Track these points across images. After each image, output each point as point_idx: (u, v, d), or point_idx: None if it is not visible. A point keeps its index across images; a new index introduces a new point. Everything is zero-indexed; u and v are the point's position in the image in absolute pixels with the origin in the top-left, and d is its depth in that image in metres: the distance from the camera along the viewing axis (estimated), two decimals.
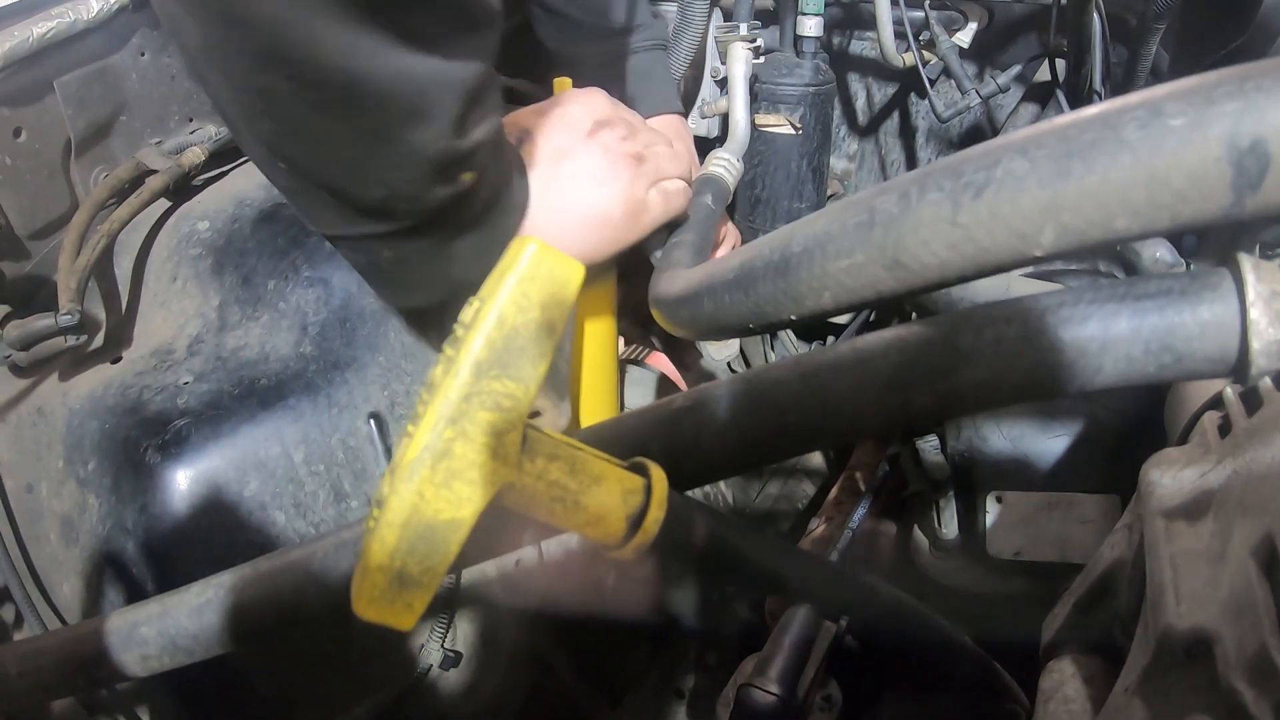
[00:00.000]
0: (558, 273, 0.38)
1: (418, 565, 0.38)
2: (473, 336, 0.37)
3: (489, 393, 0.37)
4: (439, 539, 0.38)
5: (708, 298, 0.61)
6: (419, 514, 0.37)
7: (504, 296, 0.37)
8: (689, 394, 0.51)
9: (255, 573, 0.55)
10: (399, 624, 0.39)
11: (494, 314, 0.37)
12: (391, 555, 0.38)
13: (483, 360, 0.37)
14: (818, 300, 0.53)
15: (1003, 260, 0.47)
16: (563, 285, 0.38)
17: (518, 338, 0.38)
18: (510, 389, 0.38)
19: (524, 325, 0.38)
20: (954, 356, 0.48)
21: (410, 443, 0.37)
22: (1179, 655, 0.57)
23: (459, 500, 0.38)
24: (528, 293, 0.38)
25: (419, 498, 0.37)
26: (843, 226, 0.51)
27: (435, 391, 0.37)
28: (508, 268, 0.38)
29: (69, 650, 0.62)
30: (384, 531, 0.37)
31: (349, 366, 0.93)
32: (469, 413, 0.37)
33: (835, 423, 0.48)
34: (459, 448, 0.37)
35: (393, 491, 0.37)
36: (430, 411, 0.37)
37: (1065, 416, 0.89)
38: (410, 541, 0.38)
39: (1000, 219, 0.45)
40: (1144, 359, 0.50)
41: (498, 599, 0.96)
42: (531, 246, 0.38)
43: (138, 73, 1.14)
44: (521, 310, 0.38)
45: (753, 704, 0.67)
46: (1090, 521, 0.89)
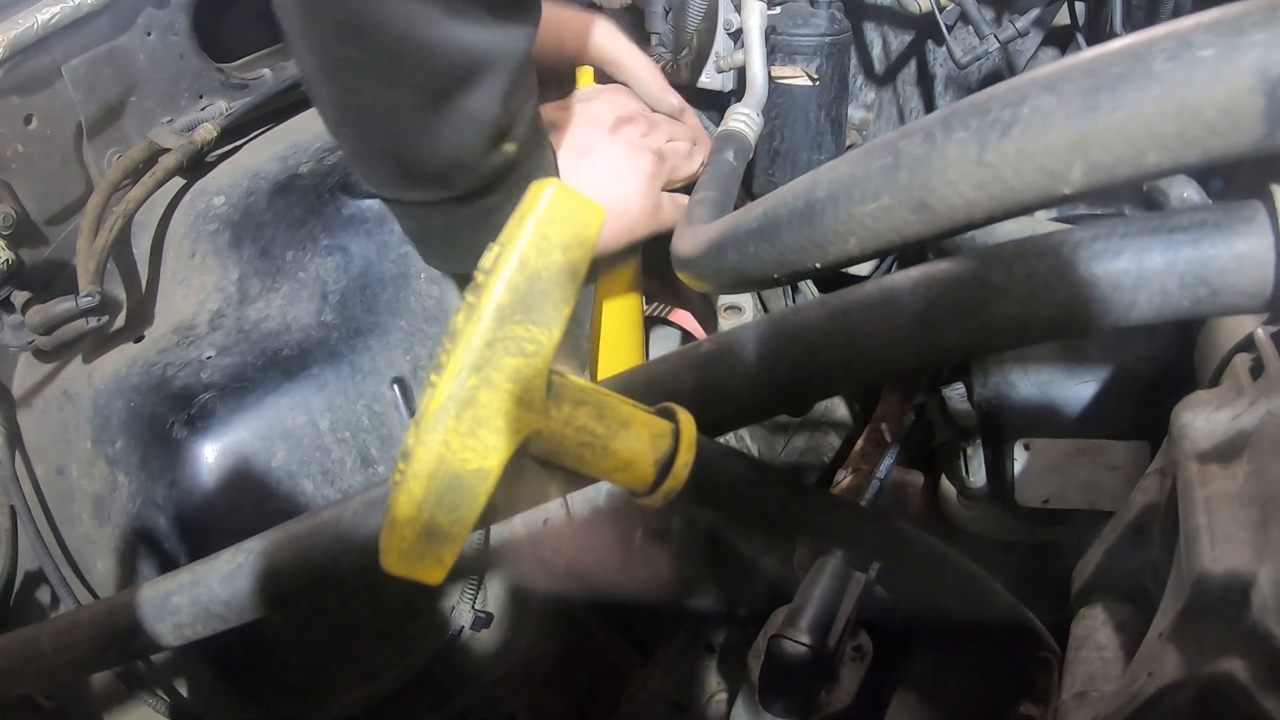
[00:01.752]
0: (578, 214, 0.37)
1: (446, 517, 0.38)
2: (494, 281, 0.36)
3: (513, 338, 0.36)
4: (467, 489, 0.37)
5: (732, 249, 0.59)
6: (445, 464, 0.37)
7: (525, 239, 0.36)
8: (715, 337, 0.50)
9: (285, 535, 0.55)
10: (428, 578, 0.39)
11: (515, 257, 0.36)
12: (419, 507, 0.37)
13: (505, 304, 0.36)
14: (843, 246, 0.51)
15: (1031, 200, 0.46)
16: (584, 226, 0.37)
17: (540, 281, 0.37)
18: (534, 333, 0.37)
19: (546, 268, 0.37)
20: (985, 292, 0.47)
21: (434, 392, 0.37)
22: (1214, 600, 0.56)
23: (486, 449, 0.37)
24: (548, 235, 0.37)
25: (445, 448, 0.36)
26: (867, 170, 0.49)
27: (458, 339, 0.36)
28: (527, 211, 0.37)
29: (103, 623, 0.62)
30: (411, 484, 0.37)
31: (371, 332, 0.92)
32: (493, 359, 0.36)
33: (865, 361, 0.47)
34: (484, 395, 0.36)
35: (418, 443, 0.37)
36: (453, 359, 0.36)
37: (1093, 362, 0.88)
38: (438, 493, 0.37)
39: (1028, 157, 0.44)
40: (1178, 293, 0.49)
41: (527, 559, 0.96)
42: (550, 188, 0.37)
43: (145, 52, 1.14)
44: (543, 253, 0.37)
45: (784, 655, 0.67)
46: (1120, 468, 0.87)
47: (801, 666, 0.67)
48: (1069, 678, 0.73)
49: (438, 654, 0.93)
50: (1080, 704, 0.72)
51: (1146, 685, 0.60)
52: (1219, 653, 0.56)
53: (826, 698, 0.72)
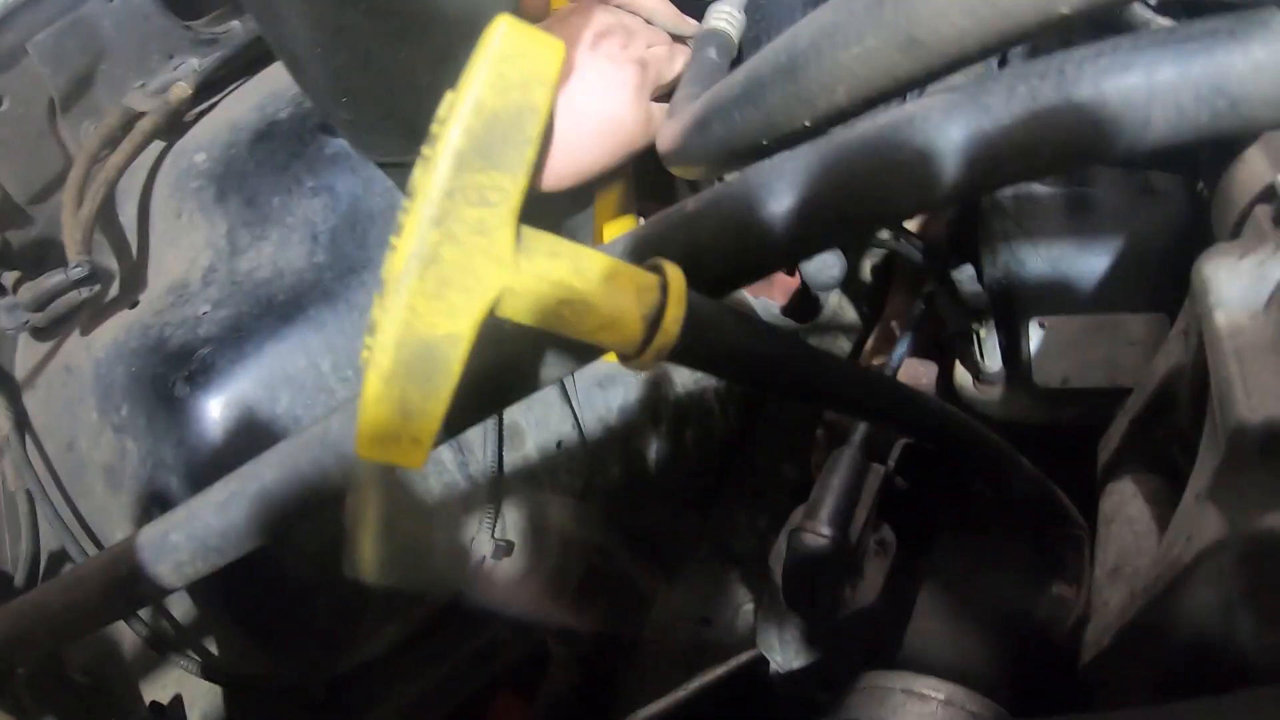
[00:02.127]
0: (535, 49, 0.34)
1: (419, 390, 0.35)
2: (449, 128, 0.34)
3: (474, 187, 0.34)
4: (439, 357, 0.35)
5: (716, 121, 0.57)
6: (413, 331, 0.34)
7: (479, 80, 0.34)
8: (703, 195, 0.47)
9: (274, 457, 0.53)
10: (407, 461, 0.36)
11: (470, 100, 0.34)
12: (389, 381, 0.35)
13: (463, 150, 0.33)
14: (832, 98, 0.48)
15: (1027, 22, 0.43)
16: (542, 61, 0.35)
17: (499, 123, 0.34)
18: (497, 180, 0.34)
19: (504, 109, 0.34)
20: (987, 118, 0.44)
21: (394, 255, 0.34)
22: (1252, 452, 0.53)
23: (455, 311, 0.35)
24: (504, 74, 0.34)
25: (411, 312, 0.34)
26: (850, 11, 0.46)
27: (415, 195, 0.34)
28: (480, 53, 0.34)
29: (107, 572, 0.61)
30: (378, 357, 0.34)
31: (364, 268, 0.92)
32: (454, 211, 0.34)
33: (865, 205, 0.44)
34: (447, 251, 0.34)
35: (382, 310, 0.34)
36: (411, 216, 0.34)
37: (1105, 233, 0.85)
38: (407, 364, 0.35)
39: None
40: (1195, 107, 0.45)
41: (543, 483, 0.95)
42: (502, 25, 0.34)
43: (110, 18, 1.11)
44: (500, 93, 0.34)
45: (804, 548, 0.65)
46: (1139, 342, 0.84)
47: (823, 559, 0.65)
48: (1101, 555, 0.71)
49: (461, 588, 0.92)
50: (1115, 580, 0.70)
51: (1186, 550, 0.58)
52: (1263, 506, 0.54)
53: (851, 594, 0.70)
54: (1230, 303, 0.61)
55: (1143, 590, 0.62)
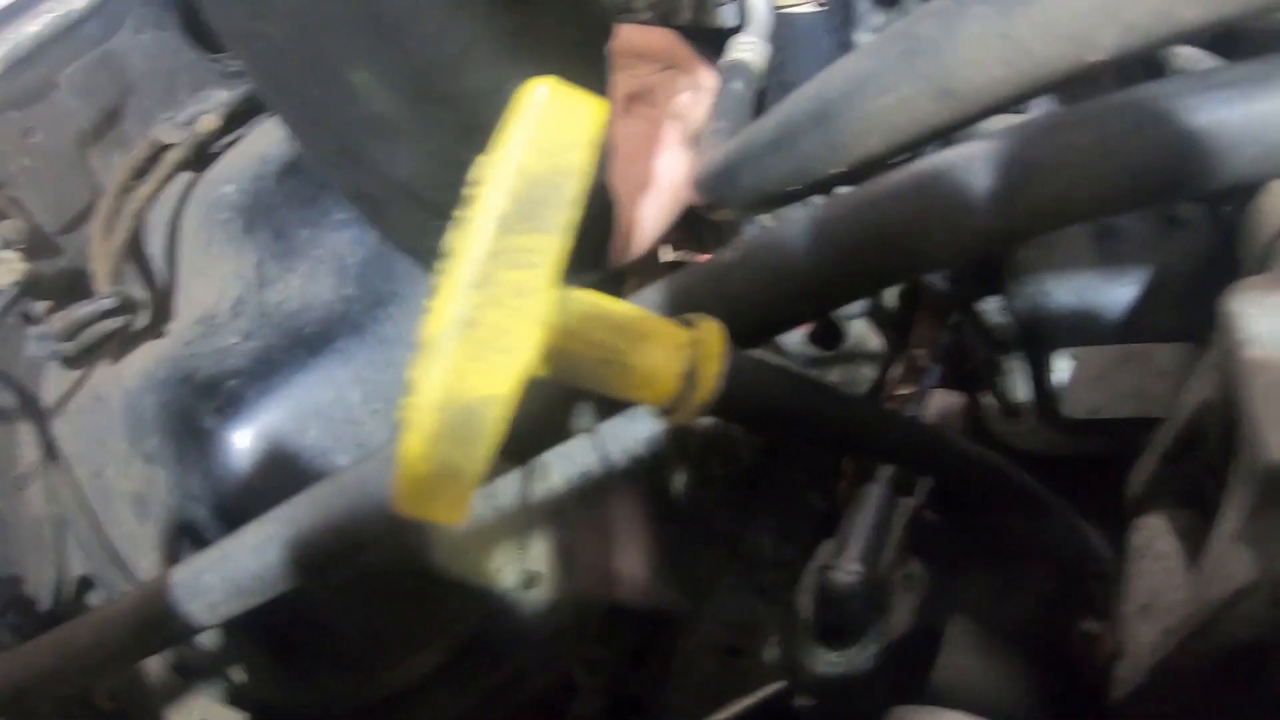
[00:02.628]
0: (578, 110, 0.35)
1: (459, 451, 0.35)
2: (490, 191, 0.34)
3: (515, 249, 0.34)
4: (479, 418, 0.35)
5: (747, 166, 0.57)
6: (454, 393, 0.35)
7: (520, 143, 0.34)
8: (738, 245, 0.47)
9: (310, 502, 0.54)
10: (447, 518, 0.37)
11: (511, 163, 0.34)
12: (430, 442, 0.35)
13: (505, 214, 0.34)
14: (864, 145, 0.49)
15: (1060, 72, 0.43)
16: (584, 123, 0.35)
17: (539, 186, 0.34)
18: (537, 243, 0.34)
19: (545, 172, 0.34)
20: (1025, 170, 0.44)
21: (435, 317, 0.34)
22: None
23: (495, 373, 0.35)
24: (545, 136, 0.34)
25: (452, 375, 0.34)
26: (883, 61, 0.47)
27: (455, 257, 0.34)
28: (519, 114, 0.35)
29: (139, 611, 0.62)
30: (418, 418, 0.35)
31: (392, 301, 0.92)
32: (495, 274, 0.34)
33: (902, 256, 0.45)
34: (489, 314, 0.34)
35: (423, 373, 0.35)
36: (452, 279, 0.34)
37: (1131, 262, 0.84)
38: (448, 425, 0.35)
39: (1055, 25, 0.41)
40: (1231, 154, 0.46)
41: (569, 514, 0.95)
42: (543, 87, 0.35)
43: (139, 51, 1.13)
44: (541, 155, 0.34)
45: (833, 586, 0.65)
46: (1167, 372, 0.84)
47: (853, 596, 0.65)
48: (1131, 591, 0.71)
49: (487, 618, 0.92)
50: (1145, 617, 0.69)
51: (1219, 590, 0.57)
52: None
53: (880, 628, 0.70)
54: (1258, 339, 0.61)
55: (1175, 628, 0.62)
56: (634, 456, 0.93)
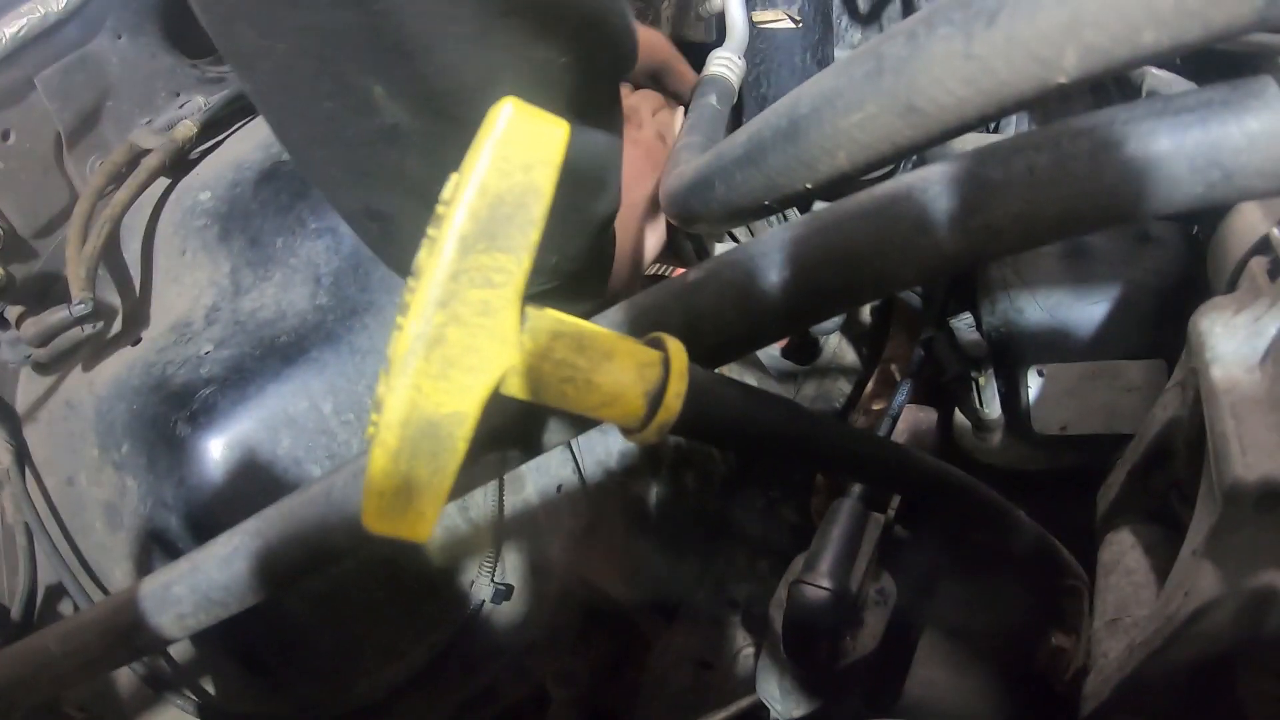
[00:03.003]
0: (539, 130, 0.35)
1: (425, 467, 0.36)
2: (454, 210, 0.34)
3: (478, 268, 0.34)
4: (444, 435, 0.36)
5: (718, 180, 0.57)
6: (418, 410, 0.35)
7: (483, 164, 0.34)
8: (703, 265, 0.48)
9: (278, 513, 0.54)
10: (413, 535, 0.37)
11: (474, 183, 0.34)
12: (395, 458, 0.35)
13: (468, 234, 0.34)
14: (832, 162, 0.49)
15: (1025, 91, 0.43)
16: (546, 143, 0.35)
17: (503, 205, 0.34)
18: (501, 262, 0.35)
19: (509, 191, 0.34)
20: (984, 191, 0.44)
21: (400, 335, 0.35)
22: (1248, 509, 0.54)
23: (459, 390, 0.35)
24: (508, 156, 0.35)
25: (416, 392, 0.35)
26: (850, 79, 0.47)
27: (420, 276, 0.35)
28: (484, 134, 0.35)
29: (108, 622, 0.61)
30: (384, 434, 0.35)
31: (367, 311, 0.91)
32: (459, 293, 0.34)
33: (863, 276, 0.45)
34: (452, 332, 0.35)
35: (388, 389, 0.35)
36: (417, 298, 0.34)
37: (1102, 281, 0.85)
38: (413, 441, 0.35)
39: (1018, 45, 0.42)
40: (1189, 179, 0.46)
41: (543, 527, 0.95)
42: (507, 107, 0.35)
43: (117, 55, 1.12)
44: (503, 175, 0.34)
45: (805, 600, 0.65)
46: (1137, 389, 0.85)
47: (823, 611, 0.65)
48: (1100, 605, 0.71)
49: (460, 630, 0.92)
50: (1113, 631, 0.70)
51: (1184, 605, 0.58)
52: (1258, 564, 0.54)
53: (852, 642, 0.71)
54: (1226, 358, 0.61)
55: (1141, 644, 0.62)
56: (608, 470, 0.94)
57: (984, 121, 0.46)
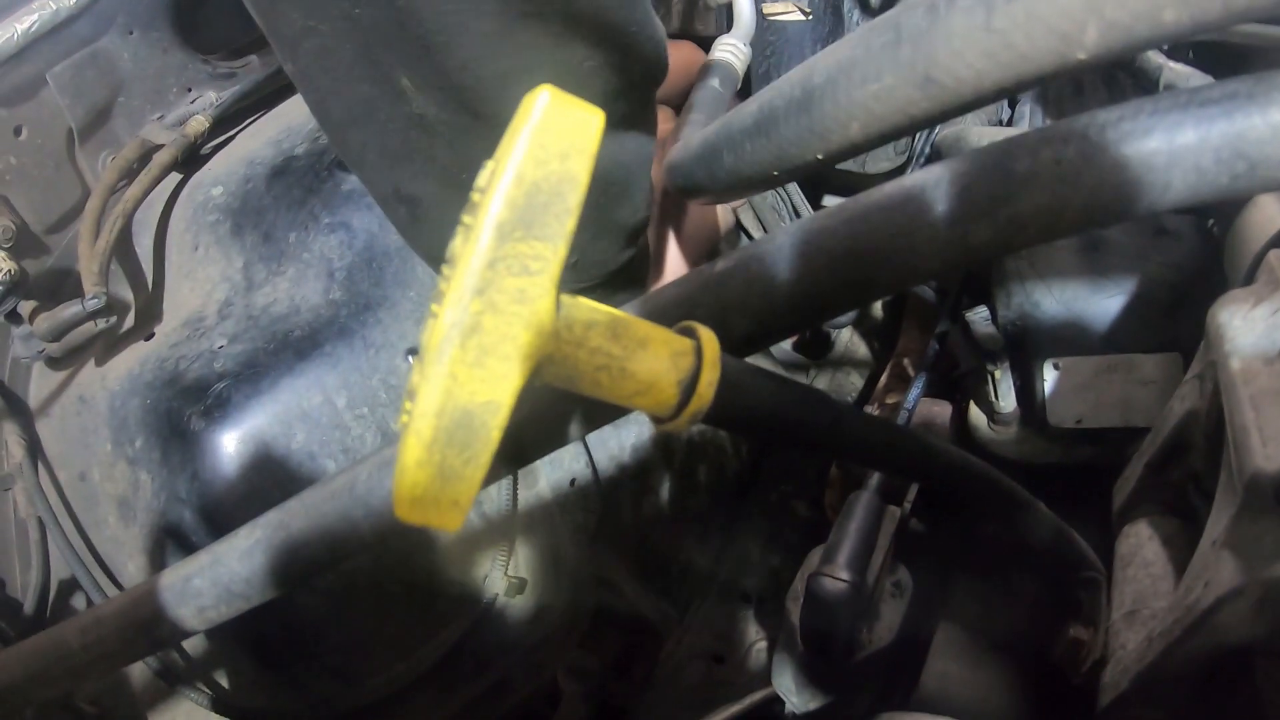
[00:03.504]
0: (576, 119, 0.35)
1: (458, 456, 0.35)
2: (490, 198, 0.34)
3: (515, 256, 0.34)
4: (478, 424, 0.35)
5: (727, 150, 0.57)
6: (453, 399, 0.35)
7: (520, 151, 0.34)
8: (732, 254, 0.47)
9: (300, 505, 0.53)
10: (445, 524, 0.37)
11: (511, 171, 0.34)
12: (429, 448, 0.35)
13: (505, 221, 0.34)
14: (845, 133, 0.49)
15: (1043, 67, 0.43)
16: (582, 131, 0.35)
17: (539, 193, 0.34)
18: (538, 250, 0.35)
19: (545, 179, 0.34)
20: (1011, 182, 0.44)
21: (435, 323, 0.34)
22: (1268, 500, 0.53)
23: (495, 379, 0.35)
24: (545, 144, 0.34)
25: (452, 380, 0.34)
26: (868, 49, 0.47)
27: (456, 263, 0.34)
28: (520, 122, 0.35)
29: (127, 614, 0.61)
30: (418, 423, 0.35)
31: (381, 306, 0.91)
32: (495, 281, 0.34)
33: (891, 267, 0.45)
34: (489, 320, 0.34)
35: (423, 379, 0.35)
36: (454, 285, 0.34)
37: (1118, 274, 0.85)
38: (448, 430, 0.35)
39: (1039, 19, 0.41)
40: (1215, 170, 0.46)
41: (556, 521, 0.95)
42: (544, 95, 0.35)
43: (129, 51, 1.12)
44: (540, 163, 0.34)
45: (823, 592, 0.65)
46: (1152, 382, 0.85)
47: (842, 603, 0.65)
48: (1118, 597, 0.71)
49: (473, 625, 0.92)
50: (1131, 623, 0.70)
51: (1203, 596, 0.58)
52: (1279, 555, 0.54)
53: (868, 635, 0.71)
54: (1245, 350, 0.61)
55: (1160, 635, 0.62)
56: (621, 464, 0.93)
57: (1001, 96, 0.46)
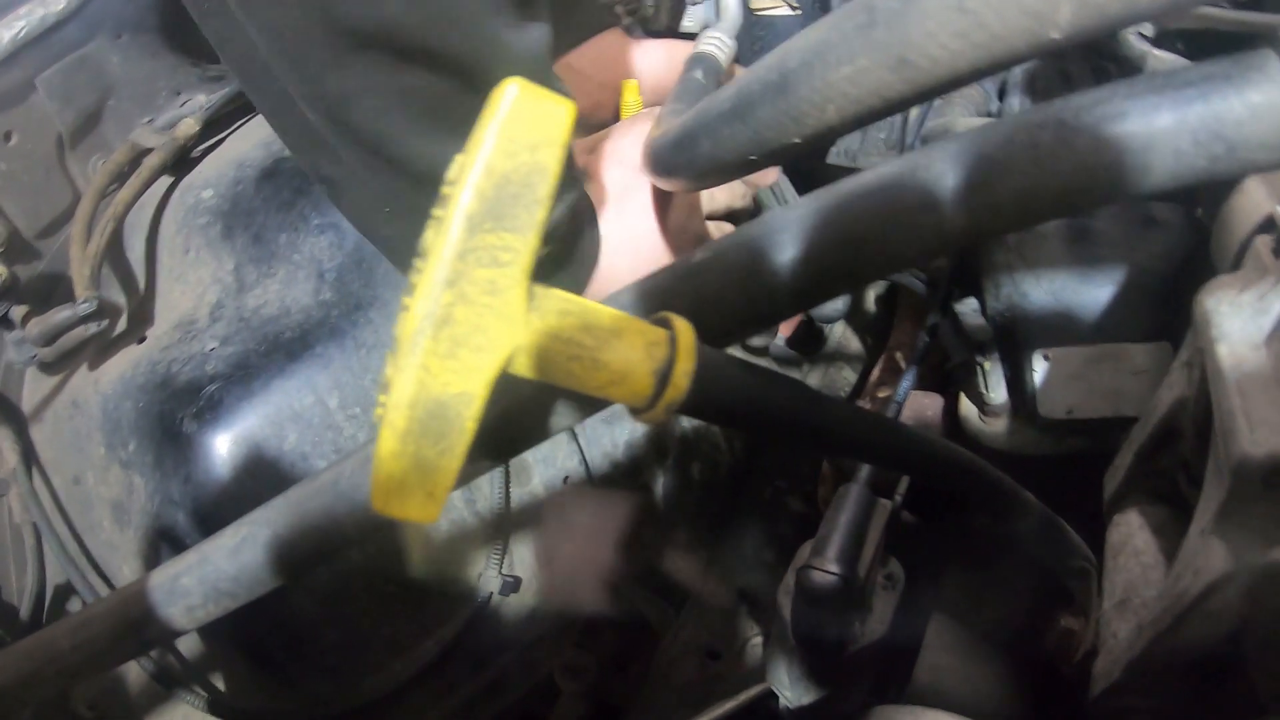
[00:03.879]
0: (545, 110, 0.35)
1: (433, 447, 0.36)
2: (460, 191, 0.34)
3: (485, 248, 0.34)
4: (452, 415, 0.36)
5: (704, 136, 0.57)
6: (426, 390, 0.35)
7: (489, 144, 0.34)
8: (708, 245, 0.47)
9: (286, 503, 0.54)
10: (422, 516, 0.37)
11: (480, 163, 0.34)
12: (403, 439, 0.35)
13: (474, 213, 0.34)
14: (821, 116, 0.48)
15: (1017, 47, 0.43)
16: (552, 123, 0.35)
17: (509, 185, 0.34)
18: (508, 241, 0.35)
19: (515, 170, 0.34)
20: (987, 167, 0.44)
21: (408, 315, 0.35)
22: (1257, 486, 0.53)
23: (467, 370, 0.35)
24: (514, 136, 0.35)
25: (424, 372, 0.35)
26: (841, 32, 0.47)
27: (428, 256, 0.35)
28: (489, 114, 0.35)
29: (117, 615, 0.61)
30: (392, 415, 0.35)
31: (371, 305, 0.92)
32: (466, 272, 0.34)
33: (867, 256, 0.45)
34: (460, 312, 0.35)
35: (396, 370, 0.35)
36: (425, 277, 0.34)
37: (1107, 264, 0.85)
38: (421, 422, 0.35)
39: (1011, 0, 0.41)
40: (1193, 152, 0.46)
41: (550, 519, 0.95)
42: (512, 87, 0.35)
43: (118, 55, 1.12)
44: (509, 155, 0.34)
45: (813, 585, 0.65)
46: (1142, 371, 0.85)
47: (832, 596, 0.65)
48: (1109, 587, 0.71)
49: (468, 623, 0.92)
50: (1123, 612, 0.70)
51: (1193, 584, 0.58)
52: (1268, 539, 0.54)
53: (860, 628, 0.71)
54: (1232, 336, 0.61)
55: (1150, 624, 0.62)
56: (614, 461, 0.94)
57: (976, 77, 0.46)
